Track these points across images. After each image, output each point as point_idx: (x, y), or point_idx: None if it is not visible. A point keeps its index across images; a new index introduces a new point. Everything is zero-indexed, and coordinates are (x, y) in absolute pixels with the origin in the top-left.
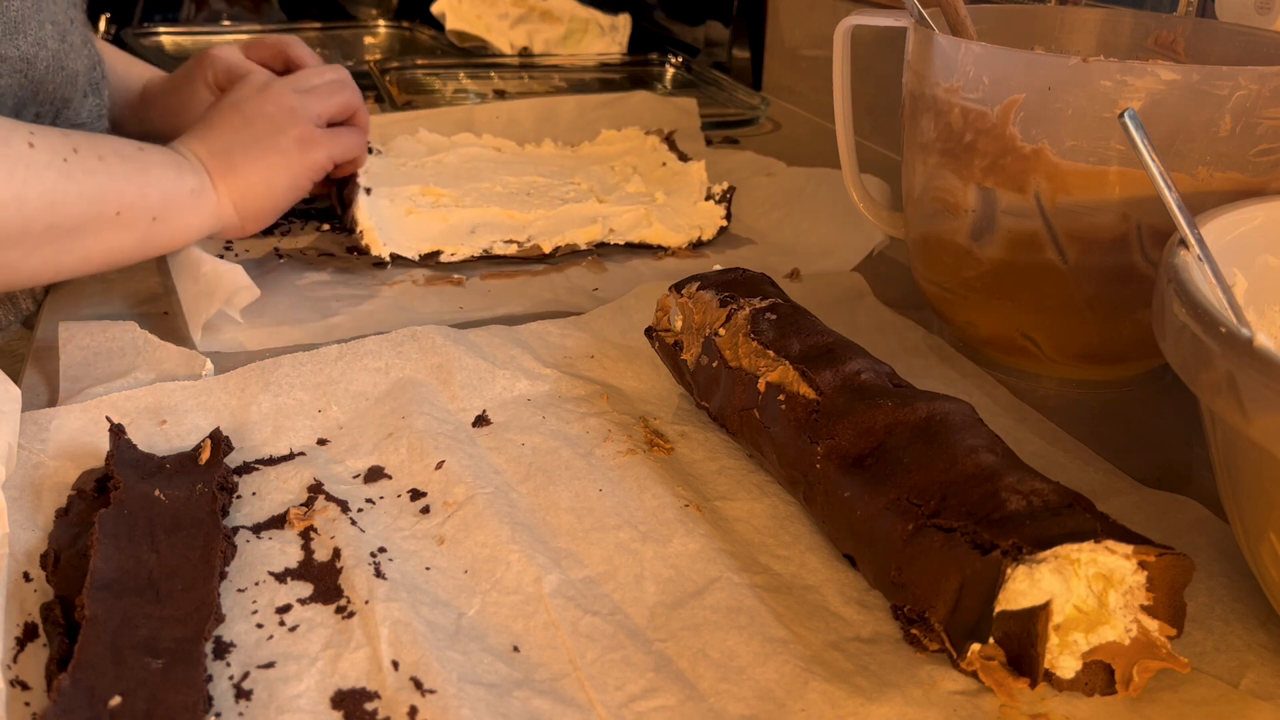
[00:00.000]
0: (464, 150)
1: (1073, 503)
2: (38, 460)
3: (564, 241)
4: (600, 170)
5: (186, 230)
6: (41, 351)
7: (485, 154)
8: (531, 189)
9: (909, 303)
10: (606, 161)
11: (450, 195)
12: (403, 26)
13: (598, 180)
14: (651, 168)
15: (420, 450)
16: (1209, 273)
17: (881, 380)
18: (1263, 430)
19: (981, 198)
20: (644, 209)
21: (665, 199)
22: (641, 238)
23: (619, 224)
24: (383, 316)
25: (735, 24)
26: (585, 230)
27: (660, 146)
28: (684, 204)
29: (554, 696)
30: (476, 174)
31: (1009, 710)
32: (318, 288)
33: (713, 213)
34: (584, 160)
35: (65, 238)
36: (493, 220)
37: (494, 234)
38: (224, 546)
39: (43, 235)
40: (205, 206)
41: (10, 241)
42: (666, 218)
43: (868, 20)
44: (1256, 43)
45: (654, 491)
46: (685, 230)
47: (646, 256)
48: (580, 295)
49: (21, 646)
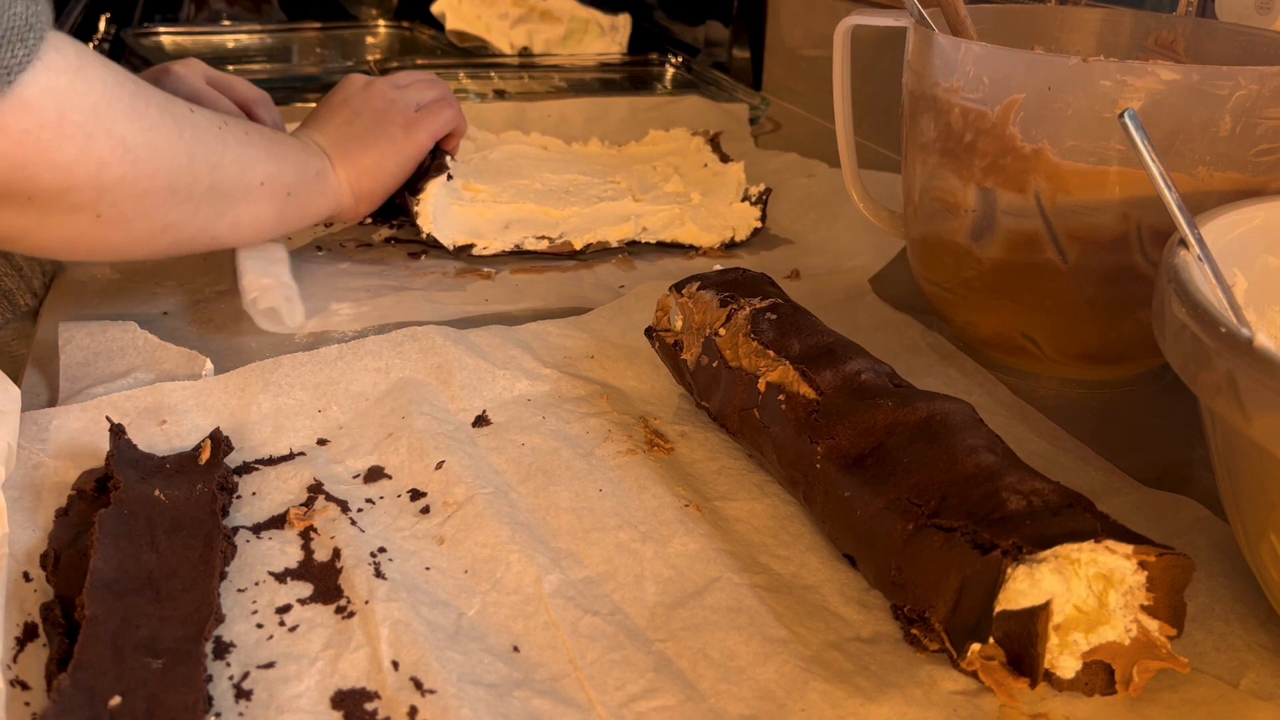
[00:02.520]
0: (510, 147)
1: (1073, 503)
2: (38, 460)
3: (595, 239)
4: (642, 170)
5: (314, 209)
6: (41, 351)
7: (531, 151)
8: (571, 186)
9: (909, 304)
10: (650, 161)
11: (488, 191)
12: (403, 26)
13: (638, 179)
14: (693, 168)
15: (420, 450)
16: (1209, 273)
17: (882, 380)
18: (1263, 430)
19: (981, 198)
20: (678, 208)
21: (701, 199)
22: (674, 237)
23: (652, 223)
24: (410, 307)
25: (735, 24)
26: (618, 228)
27: (704, 148)
28: (719, 204)
29: (554, 696)
30: (518, 170)
31: (1009, 710)
32: (349, 277)
33: (747, 214)
34: (628, 160)
35: (222, 201)
36: (527, 216)
37: (527, 230)
38: (224, 546)
39: (205, 195)
40: (329, 188)
41: (180, 195)
42: (700, 218)
43: (868, 20)
44: (1256, 43)
45: (654, 491)
46: (718, 230)
47: (678, 256)
48: (606, 292)
49: (21, 646)
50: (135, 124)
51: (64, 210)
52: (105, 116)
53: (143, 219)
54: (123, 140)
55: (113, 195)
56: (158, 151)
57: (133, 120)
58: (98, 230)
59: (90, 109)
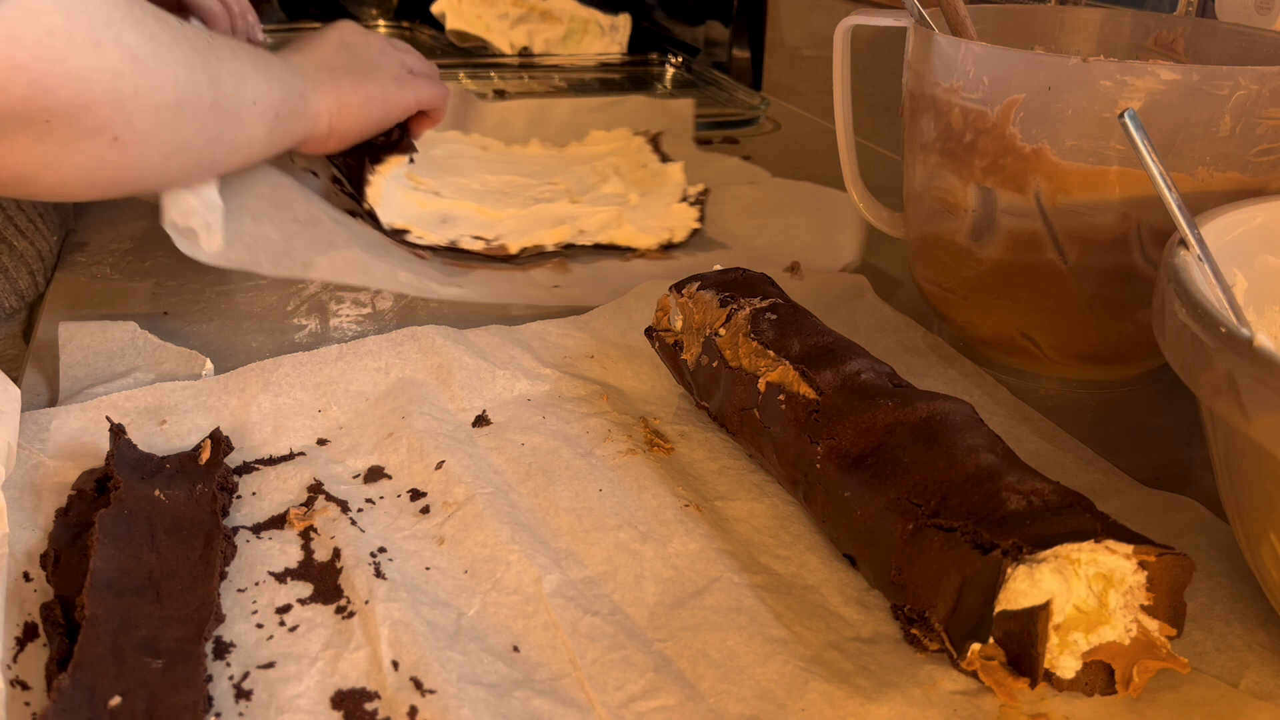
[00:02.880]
0: (451, 146)
1: (1073, 502)
2: (38, 460)
3: (531, 243)
4: (582, 171)
5: (294, 132)
6: (41, 351)
7: (471, 151)
8: (509, 188)
9: (908, 308)
10: (590, 162)
11: (429, 184)
12: (403, 26)
13: (576, 180)
14: (632, 169)
15: (420, 450)
16: (1209, 273)
17: (881, 380)
18: (1263, 430)
19: (981, 198)
20: (615, 210)
21: (639, 200)
22: (610, 239)
23: (589, 225)
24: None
25: (735, 24)
26: (553, 231)
27: (645, 147)
28: (657, 205)
29: (554, 696)
30: (459, 169)
31: (1009, 710)
32: (298, 226)
33: (686, 215)
34: (567, 160)
35: (224, 119)
36: (465, 214)
37: (464, 228)
38: (224, 546)
39: (209, 113)
40: (309, 113)
41: (187, 111)
42: (638, 219)
43: (868, 20)
44: (1256, 43)
45: (654, 491)
46: (655, 232)
47: (614, 258)
48: (540, 290)
49: (21, 646)
50: (139, 32)
51: (83, 134)
52: (111, 24)
53: (157, 140)
54: (131, 49)
55: (128, 111)
56: (162, 62)
57: (136, 28)
58: (115, 155)
59: (95, 14)
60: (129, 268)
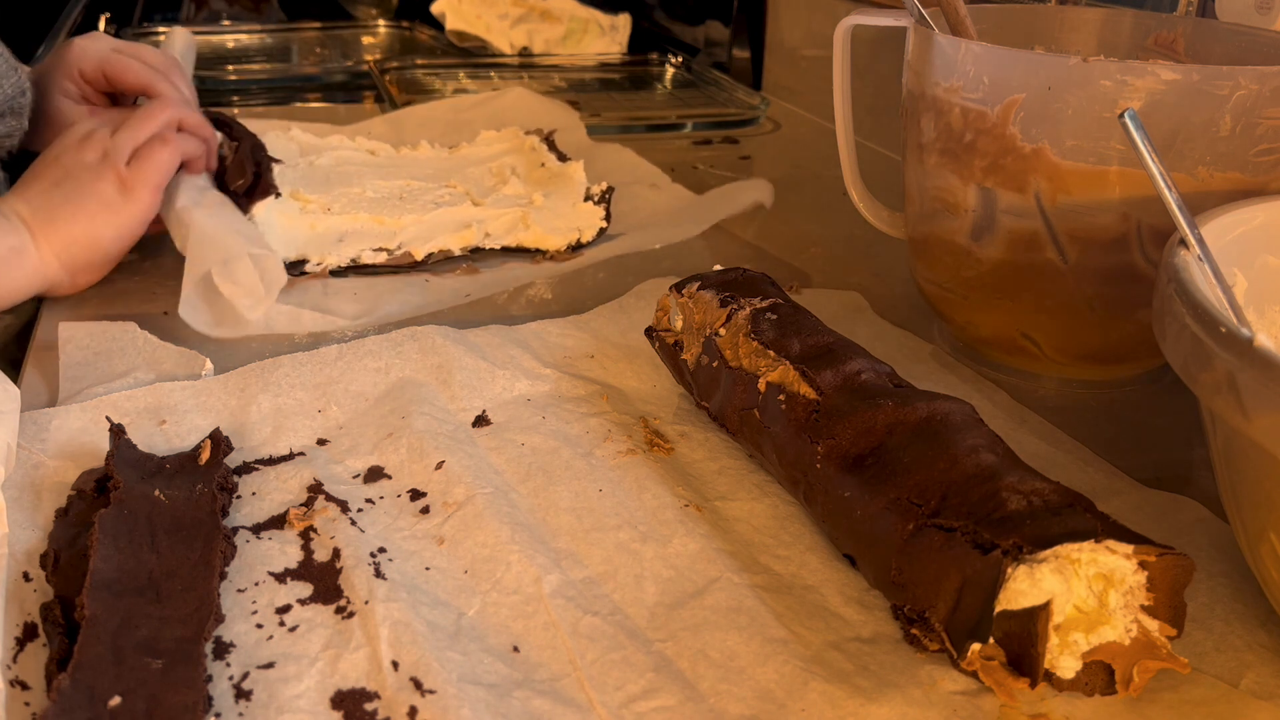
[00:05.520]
0: (337, 153)
1: (1073, 503)
2: (37, 460)
3: (437, 247)
4: (478, 172)
5: (13, 289)
6: (41, 351)
7: (358, 156)
8: (404, 193)
9: (908, 308)
10: (485, 163)
11: (318, 201)
12: (403, 26)
13: (474, 183)
14: (530, 169)
15: (420, 450)
16: (1209, 273)
17: (882, 380)
18: (1263, 430)
19: (981, 198)
20: (521, 211)
21: (544, 201)
22: (518, 241)
23: (495, 228)
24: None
25: (735, 24)
26: (459, 235)
27: (540, 147)
28: (563, 205)
29: (554, 697)
30: (348, 178)
31: (1009, 710)
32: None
33: (592, 214)
34: (461, 162)
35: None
36: (362, 227)
37: (363, 242)
38: (224, 547)
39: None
40: (27, 264)
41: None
42: (544, 220)
43: (868, 20)
44: (1256, 43)
45: (654, 491)
46: (563, 232)
47: (524, 260)
48: (453, 295)
49: (21, 646)
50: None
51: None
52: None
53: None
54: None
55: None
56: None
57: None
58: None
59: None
60: (129, 267)
